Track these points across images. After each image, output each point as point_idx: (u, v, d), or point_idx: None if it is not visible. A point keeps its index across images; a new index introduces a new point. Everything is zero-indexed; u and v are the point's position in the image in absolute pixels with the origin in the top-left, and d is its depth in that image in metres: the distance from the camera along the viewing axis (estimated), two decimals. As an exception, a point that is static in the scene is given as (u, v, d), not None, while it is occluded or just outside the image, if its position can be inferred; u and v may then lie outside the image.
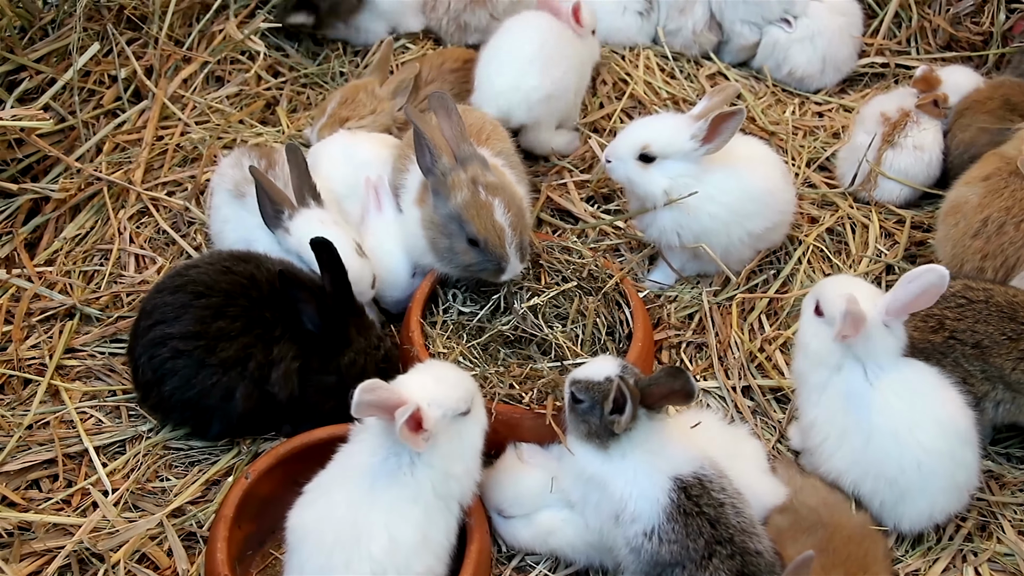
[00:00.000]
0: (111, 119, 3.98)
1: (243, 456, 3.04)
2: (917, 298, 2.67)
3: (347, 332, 2.94)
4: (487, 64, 3.82)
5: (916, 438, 2.71)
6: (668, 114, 3.50)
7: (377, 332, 3.05)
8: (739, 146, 3.43)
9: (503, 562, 2.83)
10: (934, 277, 2.62)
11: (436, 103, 3.14)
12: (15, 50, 3.79)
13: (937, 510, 2.79)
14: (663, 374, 2.49)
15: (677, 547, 2.44)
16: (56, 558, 2.73)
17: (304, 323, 2.91)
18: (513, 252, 3.04)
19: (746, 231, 3.40)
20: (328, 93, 4.22)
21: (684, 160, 3.28)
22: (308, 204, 3.19)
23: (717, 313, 3.42)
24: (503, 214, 3.02)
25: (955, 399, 2.79)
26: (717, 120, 3.19)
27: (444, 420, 2.48)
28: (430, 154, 3.06)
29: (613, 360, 2.61)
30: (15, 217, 3.66)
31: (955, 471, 2.77)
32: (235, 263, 3.01)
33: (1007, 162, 3.33)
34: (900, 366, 2.78)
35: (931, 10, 4.34)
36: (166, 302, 2.95)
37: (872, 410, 2.75)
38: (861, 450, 2.76)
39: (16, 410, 3.13)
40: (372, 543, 2.39)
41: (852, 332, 2.70)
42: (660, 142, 3.27)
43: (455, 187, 3.04)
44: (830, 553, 2.59)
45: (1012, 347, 2.87)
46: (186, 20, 4.36)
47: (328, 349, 2.94)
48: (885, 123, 3.81)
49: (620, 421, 2.47)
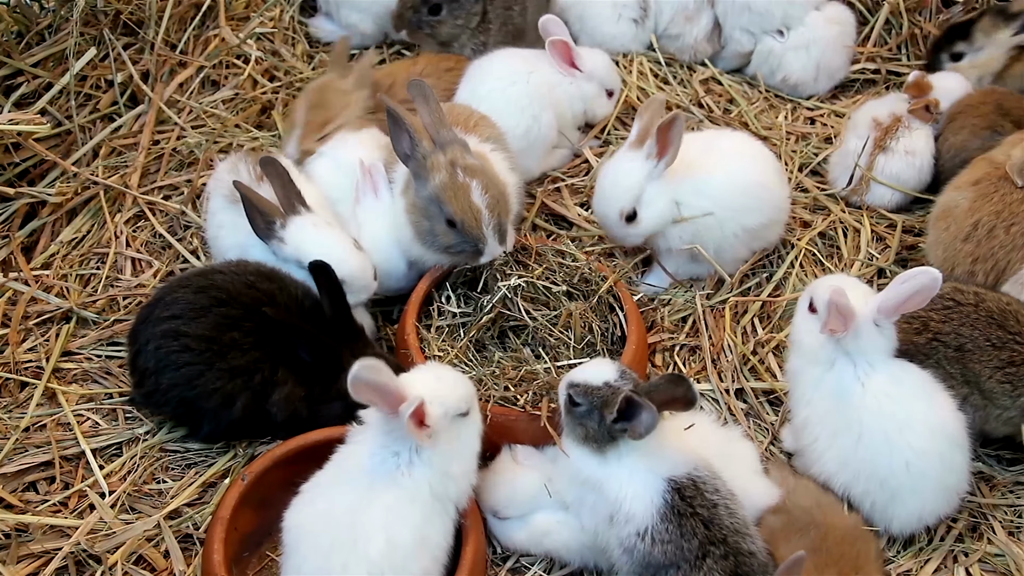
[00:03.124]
0: (108, 123, 3.98)
1: (240, 458, 3.05)
2: (909, 299, 2.69)
3: (342, 359, 2.89)
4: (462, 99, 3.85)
5: (906, 439, 2.73)
6: (609, 164, 3.43)
7: (375, 350, 3.05)
8: (727, 141, 3.48)
9: (498, 563, 2.84)
10: (927, 279, 2.65)
11: (415, 90, 3.17)
12: (12, 54, 3.80)
13: (927, 512, 2.81)
14: (665, 381, 2.49)
15: (671, 548, 2.45)
16: (53, 560, 2.74)
17: (300, 354, 2.94)
18: (491, 233, 3.06)
19: (740, 226, 3.41)
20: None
21: (656, 184, 3.29)
22: (298, 211, 3.19)
23: (710, 316, 3.45)
24: (480, 195, 3.04)
25: (946, 402, 2.81)
26: (662, 131, 3.19)
27: (445, 418, 2.49)
28: (409, 138, 3.09)
29: (610, 364, 2.61)
30: (11, 221, 3.67)
31: (944, 474, 2.79)
32: (260, 280, 3.01)
33: (996, 167, 3.36)
34: (892, 367, 2.80)
35: (922, 17, 4.37)
36: (188, 300, 2.96)
37: (863, 410, 2.77)
38: (851, 449, 2.78)
39: (13, 413, 3.14)
40: (369, 544, 2.40)
41: (839, 327, 2.72)
42: (627, 197, 3.29)
43: (434, 169, 3.07)
44: (823, 553, 2.61)
45: (993, 355, 2.88)
46: (182, 25, 4.37)
47: (326, 376, 2.95)
48: (877, 128, 3.83)
49: (639, 429, 2.46)
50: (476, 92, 3.80)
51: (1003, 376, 2.88)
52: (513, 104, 3.75)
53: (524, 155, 3.74)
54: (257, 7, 4.62)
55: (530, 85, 3.79)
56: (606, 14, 4.37)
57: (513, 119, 3.72)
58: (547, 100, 3.83)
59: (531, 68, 3.84)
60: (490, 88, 3.79)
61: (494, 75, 3.83)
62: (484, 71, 3.87)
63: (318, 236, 3.15)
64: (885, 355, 2.80)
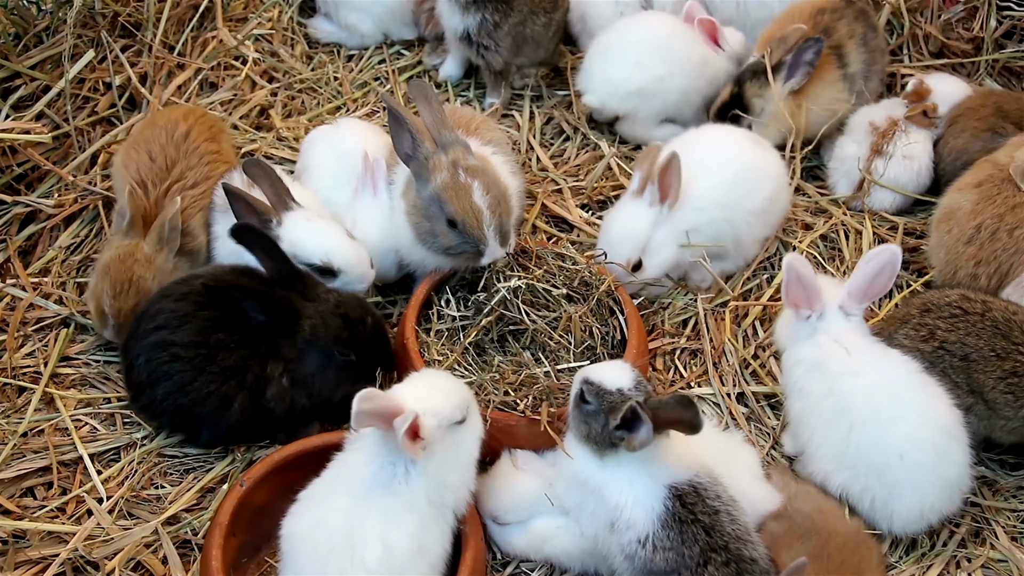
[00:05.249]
0: (106, 126, 3.97)
1: (238, 464, 3.04)
2: (875, 277, 2.83)
3: (293, 307, 2.94)
4: (590, 53, 4.09)
5: (897, 428, 2.75)
6: (613, 215, 3.48)
7: (324, 288, 3.05)
8: (699, 143, 3.51)
9: (498, 569, 2.83)
10: (888, 255, 2.80)
11: (416, 91, 3.16)
12: (9, 57, 3.78)
13: (928, 507, 2.78)
14: (674, 401, 2.46)
15: (672, 554, 2.44)
16: (51, 566, 2.73)
17: (253, 320, 2.93)
18: (492, 235, 3.05)
19: (748, 212, 3.47)
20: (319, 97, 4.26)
21: (661, 229, 3.35)
22: (290, 207, 3.22)
23: (711, 319, 3.44)
24: (482, 196, 3.03)
25: (938, 393, 2.83)
26: (662, 177, 3.26)
27: (440, 429, 2.48)
28: (411, 139, 3.08)
29: (629, 371, 2.59)
30: (9, 226, 3.65)
31: (941, 464, 2.77)
32: (237, 277, 3.02)
33: (999, 169, 3.35)
34: (879, 356, 2.86)
35: (923, 18, 4.35)
36: (171, 308, 2.97)
37: (854, 396, 2.80)
38: (844, 440, 2.80)
39: (11, 418, 3.13)
40: (367, 551, 2.39)
41: (802, 300, 2.85)
42: (632, 248, 3.35)
43: (435, 169, 3.07)
44: (824, 559, 2.59)
45: (997, 365, 2.88)
46: (180, 26, 4.36)
47: (284, 331, 2.95)
48: (874, 133, 3.82)
49: (634, 442, 2.46)
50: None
51: (1006, 387, 2.87)
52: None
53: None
54: (255, 8, 4.61)
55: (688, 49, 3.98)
56: (608, 13, 4.35)
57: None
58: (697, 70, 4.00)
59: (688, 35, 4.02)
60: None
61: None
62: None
63: (313, 229, 3.19)
64: (863, 337, 2.88)
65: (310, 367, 2.97)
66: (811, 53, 3.75)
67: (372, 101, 4.29)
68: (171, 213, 3.22)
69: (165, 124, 3.46)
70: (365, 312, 3.05)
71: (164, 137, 3.42)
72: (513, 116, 4.23)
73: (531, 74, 4.36)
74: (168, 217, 3.22)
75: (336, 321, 2.97)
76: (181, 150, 3.42)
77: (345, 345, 2.97)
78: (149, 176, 3.34)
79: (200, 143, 3.46)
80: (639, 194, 3.38)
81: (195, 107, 3.70)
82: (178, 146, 3.42)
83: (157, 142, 3.41)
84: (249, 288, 2.90)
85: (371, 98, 4.30)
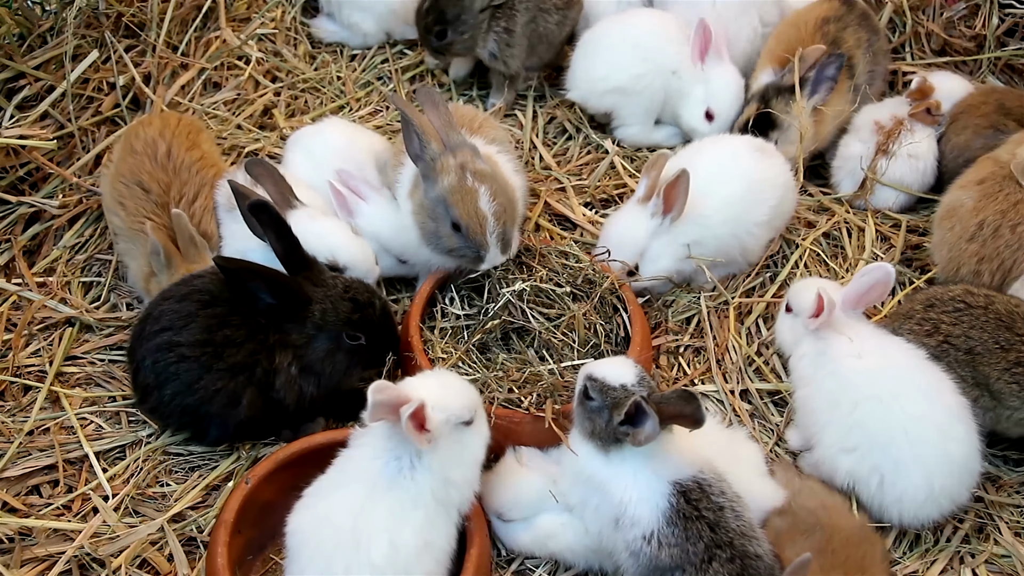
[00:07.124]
0: (110, 126, 3.98)
1: (243, 461, 3.04)
2: (869, 290, 2.94)
3: (302, 291, 2.94)
4: (576, 50, 4.13)
5: (899, 403, 2.79)
6: (614, 219, 3.49)
7: (331, 274, 3.05)
8: (703, 157, 3.49)
9: (503, 566, 2.84)
10: (881, 274, 2.90)
11: (423, 96, 3.17)
12: (14, 57, 3.78)
13: (937, 488, 2.78)
14: (676, 396, 2.47)
15: (677, 551, 2.45)
16: (57, 563, 2.74)
17: (261, 302, 2.92)
18: (493, 241, 3.05)
19: (753, 223, 3.47)
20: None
21: (661, 240, 3.36)
22: (293, 205, 3.26)
23: (715, 317, 3.44)
24: (488, 202, 3.03)
25: (941, 377, 2.86)
26: (668, 191, 3.26)
27: (447, 425, 2.49)
28: (419, 140, 3.08)
29: (632, 366, 2.60)
30: (14, 226, 3.66)
31: (945, 441, 2.78)
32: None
33: (1001, 166, 3.35)
34: (882, 341, 2.92)
35: (925, 16, 4.36)
36: (173, 309, 2.97)
37: (857, 376, 2.85)
38: (848, 418, 2.83)
39: (17, 416, 3.14)
40: (372, 548, 2.40)
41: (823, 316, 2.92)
42: (629, 254, 3.36)
43: (443, 171, 3.06)
44: (828, 555, 2.60)
45: (1001, 357, 2.91)
46: (183, 26, 4.37)
47: (293, 315, 2.96)
48: (879, 131, 3.82)
49: (639, 436, 2.46)
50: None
51: (1011, 377, 2.90)
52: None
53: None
54: (258, 8, 4.61)
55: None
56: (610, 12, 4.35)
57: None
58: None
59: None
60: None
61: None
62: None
63: (318, 227, 3.21)
64: (864, 327, 2.96)
65: (320, 352, 2.97)
66: (833, 68, 3.80)
67: (375, 100, 4.29)
68: (184, 225, 3.24)
69: (144, 149, 3.41)
70: (372, 296, 3.06)
71: (148, 164, 3.37)
72: (516, 115, 4.24)
73: (534, 76, 4.36)
74: (184, 229, 3.24)
75: (346, 305, 2.97)
76: (169, 170, 3.38)
77: (355, 328, 2.97)
78: (150, 209, 3.33)
79: (183, 155, 3.43)
80: (643, 202, 3.38)
81: (166, 115, 3.62)
82: (164, 167, 3.38)
83: (144, 171, 3.37)
84: (259, 269, 2.89)
85: (374, 97, 4.31)
